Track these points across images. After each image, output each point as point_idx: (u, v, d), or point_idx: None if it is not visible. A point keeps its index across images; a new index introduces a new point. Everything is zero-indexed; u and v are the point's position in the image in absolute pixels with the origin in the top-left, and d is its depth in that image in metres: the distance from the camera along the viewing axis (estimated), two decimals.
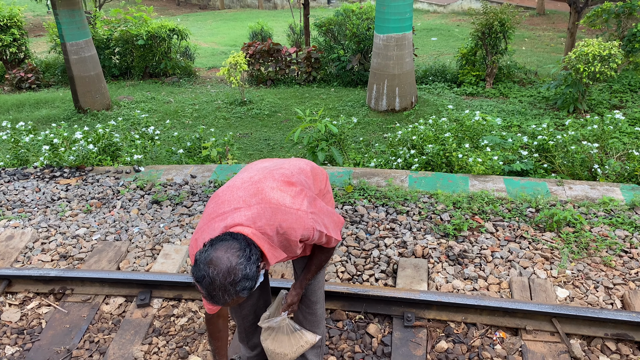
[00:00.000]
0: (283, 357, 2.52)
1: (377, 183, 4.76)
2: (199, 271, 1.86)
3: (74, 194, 4.84)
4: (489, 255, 3.73)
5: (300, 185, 2.22)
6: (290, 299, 2.46)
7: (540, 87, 9.16)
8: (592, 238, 3.83)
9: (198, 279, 1.87)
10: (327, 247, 2.37)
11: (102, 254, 3.92)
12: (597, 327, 3.00)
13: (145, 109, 9.34)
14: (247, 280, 1.88)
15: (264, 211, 2.06)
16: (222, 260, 1.85)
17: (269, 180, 2.18)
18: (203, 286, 1.86)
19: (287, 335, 2.49)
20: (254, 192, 2.12)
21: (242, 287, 1.87)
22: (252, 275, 1.89)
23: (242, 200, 2.10)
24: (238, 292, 1.87)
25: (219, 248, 1.88)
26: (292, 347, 2.50)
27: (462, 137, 5.65)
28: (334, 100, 9.47)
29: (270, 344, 2.51)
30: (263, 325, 2.49)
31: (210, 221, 2.10)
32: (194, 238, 2.14)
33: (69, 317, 3.39)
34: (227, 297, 1.87)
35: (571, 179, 5.01)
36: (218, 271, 1.84)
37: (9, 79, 11.56)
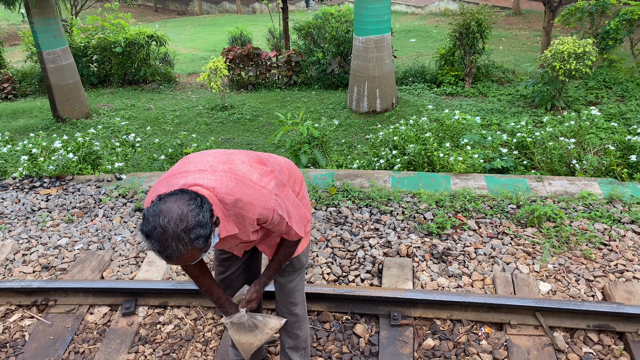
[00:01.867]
0: (249, 345, 2.52)
1: (360, 184, 4.79)
2: (148, 224, 1.76)
3: (55, 203, 4.78)
4: (472, 252, 3.77)
5: (271, 166, 2.17)
6: (249, 296, 2.42)
7: (518, 86, 9.30)
8: (572, 232, 3.90)
9: (148, 232, 1.76)
10: (288, 243, 2.33)
11: (85, 263, 3.87)
12: (579, 319, 3.06)
13: (125, 116, 9.26)
14: (201, 228, 1.78)
15: (227, 180, 1.99)
16: (172, 209, 1.76)
17: (242, 154, 2.15)
18: (154, 239, 1.75)
19: (251, 331, 2.49)
20: (223, 160, 2.07)
21: (197, 234, 1.77)
22: (205, 222, 1.79)
23: (209, 165, 2.04)
24: (193, 241, 1.77)
25: (168, 200, 1.79)
26: (256, 337, 2.50)
27: (442, 136, 5.71)
28: (316, 103, 9.49)
29: (235, 334, 2.51)
30: (225, 322, 2.47)
31: (171, 177, 2.04)
32: (150, 192, 2.07)
33: (53, 328, 3.34)
34: (181, 247, 1.76)
35: (550, 174, 5.09)
36: (169, 219, 1.74)
37: None
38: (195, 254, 1.82)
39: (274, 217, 2.06)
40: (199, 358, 3.08)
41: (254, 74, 10.82)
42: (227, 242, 2.16)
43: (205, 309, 3.42)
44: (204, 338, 3.22)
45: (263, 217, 2.04)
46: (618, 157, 4.97)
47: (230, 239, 2.12)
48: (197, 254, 1.83)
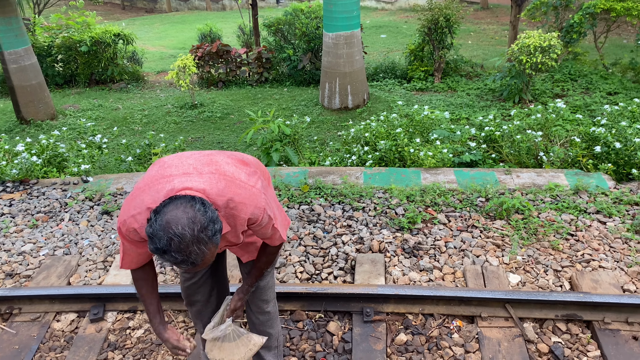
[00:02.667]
0: None
1: (332, 181, 4.78)
2: (160, 240, 1.69)
3: (18, 208, 4.64)
4: (442, 246, 3.80)
5: (254, 167, 2.16)
6: (233, 305, 2.39)
7: (487, 80, 9.42)
8: (540, 223, 3.97)
9: (165, 247, 1.69)
10: (270, 249, 2.31)
11: (51, 269, 3.77)
12: (548, 309, 3.11)
13: (93, 117, 9.06)
14: (214, 223, 1.76)
15: (216, 181, 1.94)
16: (178, 216, 1.71)
17: (222, 155, 2.09)
18: (174, 251, 1.69)
19: (234, 342, 2.42)
20: (206, 162, 2.01)
21: (213, 230, 1.75)
22: (215, 217, 1.77)
23: (192, 167, 1.97)
24: (211, 238, 1.74)
25: (168, 210, 1.72)
26: (240, 353, 2.43)
27: (412, 132, 5.74)
28: (287, 100, 9.45)
29: (217, 354, 2.43)
30: (208, 337, 2.39)
31: (153, 183, 1.94)
32: (129, 199, 1.96)
33: (18, 337, 3.25)
34: (203, 248, 1.73)
35: (518, 167, 5.17)
36: (182, 225, 1.69)
37: None
38: (214, 251, 1.79)
39: (264, 217, 2.04)
40: None
41: (224, 71, 10.70)
42: None
43: (176, 312, 3.36)
44: None
45: (254, 216, 2.01)
46: (583, 149, 5.07)
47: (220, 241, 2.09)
48: (214, 251, 1.80)
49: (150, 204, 1.89)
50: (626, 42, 12.45)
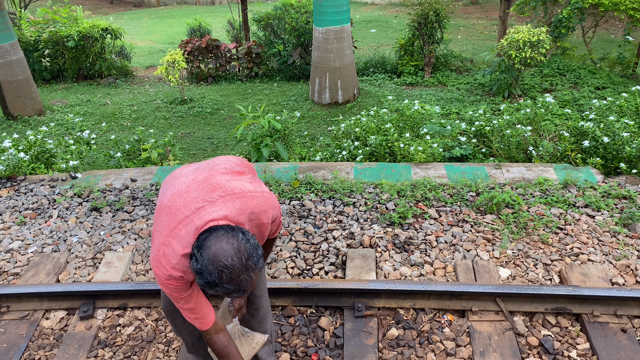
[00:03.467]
0: None
1: (323, 176, 4.77)
2: (211, 274, 1.73)
3: (6, 205, 4.59)
4: (433, 241, 3.81)
5: (248, 172, 2.16)
6: (237, 304, 2.40)
7: (476, 74, 9.45)
8: (530, 218, 3.99)
9: (216, 280, 1.74)
10: (269, 241, 2.37)
11: (40, 266, 3.73)
12: (537, 302, 3.14)
13: (81, 112, 8.96)
14: (257, 249, 1.83)
15: (231, 202, 1.95)
16: (224, 248, 1.75)
17: (217, 175, 2.04)
18: (226, 282, 1.75)
19: (239, 340, 2.44)
20: (209, 189, 1.97)
21: (257, 257, 1.82)
22: (257, 244, 1.84)
23: (200, 200, 1.93)
24: (257, 264, 1.82)
25: (211, 243, 1.77)
26: (245, 352, 2.45)
27: (403, 127, 5.74)
28: (278, 95, 9.41)
29: None
30: None
31: (172, 231, 1.90)
32: (157, 257, 1.92)
33: (6, 336, 3.21)
34: (252, 275, 1.80)
35: (508, 161, 5.19)
36: (231, 257, 1.74)
37: None
38: (258, 275, 1.87)
39: (280, 215, 2.17)
40: (162, 359, 3.01)
41: (214, 66, 10.63)
42: None
43: None
44: (166, 339, 3.16)
45: (275, 218, 2.13)
46: (572, 143, 5.11)
47: None
48: (259, 275, 1.89)
49: (183, 251, 1.88)
50: (614, 37, 12.54)
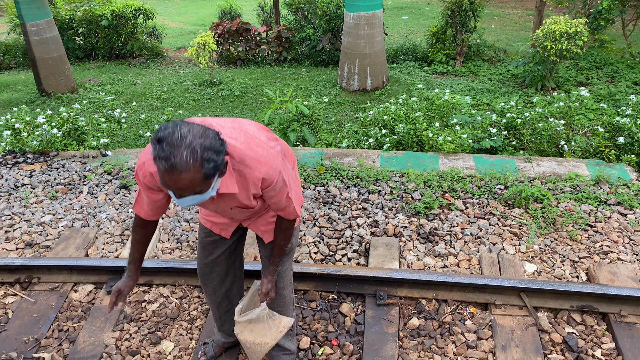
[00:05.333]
0: (264, 345, 2.48)
1: (349, 163, 4.76)
2: (166, 129, 1.66)
3: (39, 180, 4.71)
4: (459, 233, 3.78)
5: (275, 135, 2.18)
6: (265, 288, 2.40)
7: (509, 65, 9.25)
8: (559, 213, 3.92)
9: (163, 136, 1.65)
10: (285, 223, 2.29)
11: (70, 241, 3.83)
12: (563, 299, 3.09)
13: (112, 91, 9.10)
14: (215, 153, 1.69)
15: (237, 134, 1.96)
16: (195, 126, 1.69)
17: (246, 120, 2.12)
18: (167, 143, 1.63)
19: (266, 324, 2.45)
20: (230, 120, 2.04)
21: (209, 156, 1.68)
22: (220, 150, 1.72)
23: (215, 122, 1.98)
24: (203, 160, 1.67)
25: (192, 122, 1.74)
26: (272, 335, 2.47)
27: (432, 116, 5.67)
28: (306, 81, 9.39)
29: (248, 335, 2.45)
30: (241, 319, 2.42)
31: None
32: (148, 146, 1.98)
33: (37, 306, 3.32)
34: (190, 160, 1.64)
35: (539, 155, 5.09)
36: (191, 129, 1.67)
37: None
38: (196, 180, 1.69)
39: (278, 181, 2.02)
40: (185, 336, 3.07)
41: (243, 49, 10.64)
42: (223, 203, 2.11)
43: (191, 288, 3.40)
44: (190, 316, 3.21)
45: (269, 177, 1.98)
46: (606, 139, 4.98)
47: (227, 200, 2.08)
48: (197, 182, 1.70)
49: None
50: None
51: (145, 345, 3.04)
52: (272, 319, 2.46)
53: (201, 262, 2.57)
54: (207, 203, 2.11)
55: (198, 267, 2.60)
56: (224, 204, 2.12)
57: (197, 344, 3.01)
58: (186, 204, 1.82)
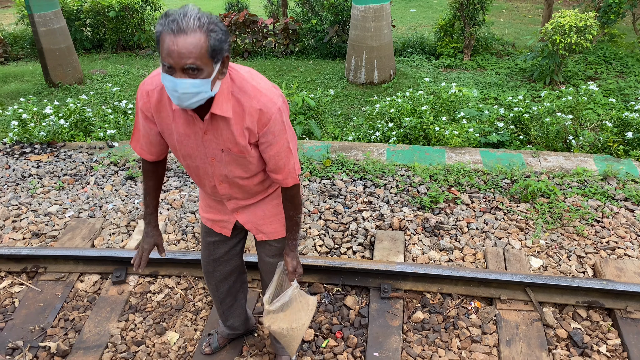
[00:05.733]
0: (301, 328, 2.38)
1: (355, 157, 4.75)
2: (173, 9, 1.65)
3: (46, 170, 4.73)
4: (464, 227, 3.76)
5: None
6: (291, 266, 2.31)
7: (517, 59, 9.18)
8: (566, 208, 3.89)
9: (171, 12, 1.64)
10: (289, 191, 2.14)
11: (76, 231, 3.85)
12: (569, 295, 3.07)
13: (119, 82, 9.11)
14: (221, 30, 1.67)
15: (242, 67, 1.91)
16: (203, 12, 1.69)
17: None
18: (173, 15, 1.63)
19: (299, 304, 2.35)
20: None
21: (215, 27, 1.66)
22: (226, 30, 1.69)
23: None
24: (209, 29, 1.64)
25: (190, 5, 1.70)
26: (306, 315, 2.37)
27: (439, 109, 5.64)
28: (312, 73, 9.36)
29: (282, 323, 2.34)
30: (273, 307, 2.28)
31: None
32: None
33: (43, 295, 3.34)
34: (197, 23, 1.63)
35: (546, 150, 5.06)
36: (199, 10, 1.66)
37: None
38: (201, 47, 1.64)
39: (277, 118, 1.90)
40: (189, 327, 3.09)
41: (250, 41, 10.62)
42: (214, 142, 1.95)
43: (196, 279, 3.41)
44: (195, 308, 3.22)
45: (267, 110, 1.86)
46: (615, 134, 4.93)
47: (219, 136, 1.92)
48: (202, 50, 1.65)
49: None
50: None
51: (150, 335, 3.06)
52: (302, 298, 2.36)
53: (204, 260, 2.55)
54: (195, 144, 1.97)
55: (202, 265, 2.59)
56: (214, 142, 1.95)
57: (202, 335, 3.02)
58: (183, 89, 1.69)
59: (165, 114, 1.95)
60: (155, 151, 2.16)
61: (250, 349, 2.93)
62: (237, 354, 2.90)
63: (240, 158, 2.00)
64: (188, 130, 1.94)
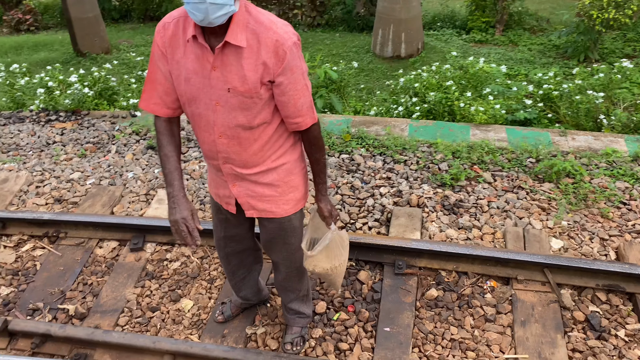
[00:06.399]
0: (343, 264, 2.40)
1: (376, 132, 4.67)
2: None
3: (69, 138, 4.80)
4: (485, 205, 3.68)
5: None
6: (326, 211, 2.27)
7: (551, 35, 8.85)
8: (591, 189, 3.77)
9: None
10: (311, 134, 2.09)
11: (96, 198, 3.91)
12: (588, 277, 2.99)
13: (145, 53, 9.14)
14: None
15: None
16: None
17: None
18: None
19: (337, 243, 2.35)
20: None
21: None
22: None
23: None
24: None
25: None
26: (345, 251, 2.39)
27: (465, 85, 5.49)
28: (339, 46, 9.22)
29: (325, 264, 2.33)
30: (315, 252, 2.27)
31: None
32: None
33: (63, 259, 3.42)
34: None
35: (575, 129, 4.89)
36: None
37: (7, 20, 11.31)
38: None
39: (294, 54, 1.85)
40: (204, 295, 3.12)
41: (277, 13, 10.50)
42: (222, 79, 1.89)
43: (212, 248, 3.44)
44: (210, 276, 3.26)
45: (283, 41, 1.82)
46: None
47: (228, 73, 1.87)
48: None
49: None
50: None
51: (165, 302, 3.11)
52: (340, 236, 2.36)
53: (216, 235, 2.54)
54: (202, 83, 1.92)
55: (214, 239, 2.58)
56: (221, 81, 1.89)
57: (216, 303, 3.05)
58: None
59: (178, 47, 1.92)
60: (170, 101, 2.05)
61: (262, 318, 2.95)
62: (249, 323, 2.93)
63: (246, 99, 1.91)
64: (197, 65, 1.90)
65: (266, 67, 1.86)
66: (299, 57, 1.89)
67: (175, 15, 1.93)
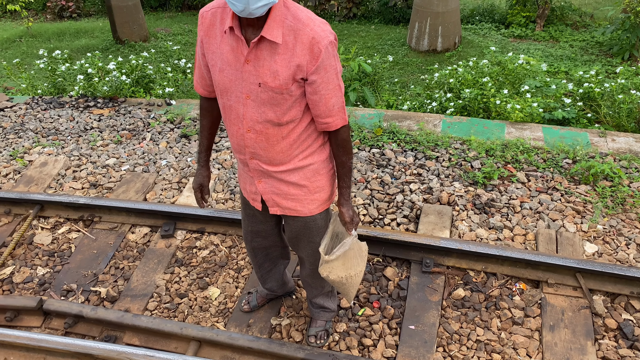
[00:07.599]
0: (359, 274, 2.39)
1: (408, 127, 4.63)
2: None
3: (106, 124, 4.91)
4: (517, 206, 3.61)
5: None
6: (348, 217, 2.24)
7: (595, 31, 8.57)
8: (630, 193, 3.65)
9: None
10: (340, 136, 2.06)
11: (130, 184, 4.00)
12: (622, 284, 2.90)
13: (182, 41, 9.26)
14: None
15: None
16: None
17: None
18: None
19: (355, 251, 2.34)
20: None
21: None
22: None
23: None
24: None
25: None
26: (362, 261, 2.38)
27: (502, 81, 5.37)
28: (374, 39, 9.14)
29: (340, 271, 2.31)
30: (332, 257, 2.25)
31: None
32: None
33: (97, 243, 3.51)
34: None
35: (616, 130, 4.73)
36: None
37: (51, 7, 11.62)
38: None
39: (329, 53, 1.84)
40: (231, 284, 3.16)
41: (313, 4, 10.47)
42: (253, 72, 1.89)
43: (240, 238, 3.48)
44: (237, 265, 3.30)
45: (319, 39, 1.81)
46: None
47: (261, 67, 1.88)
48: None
49: None
50: None
51: (193, 289, 3.16)
52: (358, 245, 2.34)
53: (244, 229, 2.57)
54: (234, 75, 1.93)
55: (242, 231, 2.62)
56: (253, 74, 1.90)
57: (242, 293, 3.09)
58: None
59: (214, 38, 1.96)
60: (205, 85, 2.17)
61: (287, 310, 2.98)
62: (274, 314, 2.96)
63: (276, 95, 1.90)
64: (231, 57, 1.92)
65: (300, 65, 1.86)
66: (334, 56, 1.87)
67: (214, 5, 1.95)
